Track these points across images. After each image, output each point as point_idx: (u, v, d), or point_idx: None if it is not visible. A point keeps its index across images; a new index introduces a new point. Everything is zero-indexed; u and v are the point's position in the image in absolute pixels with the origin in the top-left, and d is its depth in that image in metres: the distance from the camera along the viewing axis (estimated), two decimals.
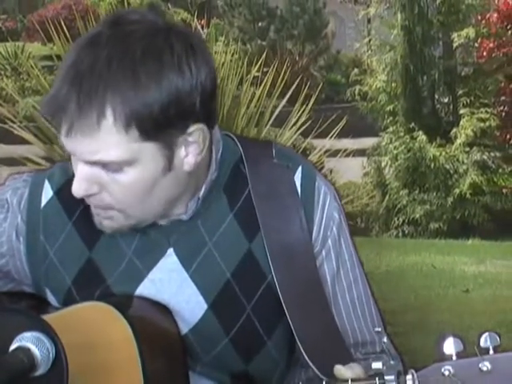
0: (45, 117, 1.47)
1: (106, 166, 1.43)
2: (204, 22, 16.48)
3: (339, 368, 1.39)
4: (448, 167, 11.81)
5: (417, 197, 11.88)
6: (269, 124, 5.99)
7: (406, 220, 11.83)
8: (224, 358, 1.55)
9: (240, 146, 1.60)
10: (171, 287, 1.55)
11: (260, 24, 20.21)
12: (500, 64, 12.71)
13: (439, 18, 12.41)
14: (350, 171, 11.21)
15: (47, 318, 1.42)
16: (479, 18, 12.69)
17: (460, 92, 12.48)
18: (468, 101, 12.24)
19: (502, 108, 12.70)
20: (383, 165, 12.35)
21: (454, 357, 1.30)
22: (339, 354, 1.48)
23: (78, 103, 1.38)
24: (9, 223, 1.61)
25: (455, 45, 12.40)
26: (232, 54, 6.03)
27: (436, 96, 12.86)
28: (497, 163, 12.04)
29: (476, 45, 12.98)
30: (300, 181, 1.58)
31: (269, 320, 1.56)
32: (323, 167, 6.89)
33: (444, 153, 11.81)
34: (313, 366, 1.47)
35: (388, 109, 12.40)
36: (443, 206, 11.73)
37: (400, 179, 12.04)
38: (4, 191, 1.63)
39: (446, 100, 12.94)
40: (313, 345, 1.49)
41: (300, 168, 1.59)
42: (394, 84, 12.36)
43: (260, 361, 1.57)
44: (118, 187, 1.45)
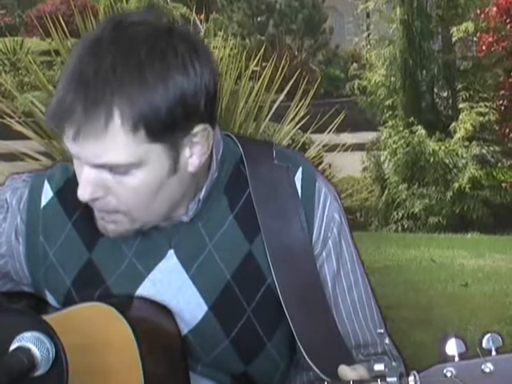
0: (50, 125, 1.45)
1: (113, 169, 1.43)
2: (203, 17, 16.46)
3: (344, 368, 1.39)
4: (447, 161, 11.79)
5: (416, 191, 11.87)
6: (267, 119, 5.99)
7: (406, 214, 11.82)
8: (224, 359, 1.55)
9: (240, 147, 1.60)
10: (171, 288, 1.55)
11: (259, 19, 20.18)
12: (499, 58, 12.68)
13: (438, 12, 12.39)
14: (349, 166, 11.20)
15: (47, 319, 1.42)
16: (478, 12, 12.66)
17: (459, 86, 12.45)
18: (467, 95, 12.22)
19: (501, 102, 12.68)
20: (382, 159, 12.34)
21: (457, 358, 1.29)
22: (340, 356, 1.48)
23: (85, 108, 1.37)
24: (8, 224, 1.60)
25: (454, 39, 12.36)
26: (231, 49, 6.02)
27: (435, 90, 12.83)
28: (496, 157, 12.02)
29: (475, 39, 12.96)
30: (300, 182, 1.58)
31: (269, 321, 1.55)
32: (322, 162, 6.87)
33: (443, 147, 11.79)
34: (314, 367, 1.47)
35: (387, 103, 12.38)
36: (442, 201, 11.72)
37: (399, 173, 12.02)
38: (3, 191, 1.62)
39: (445, 94, 12.92)
40: (314, 346, 1.49)
41: (300, 169, 1.59)
42: (393, 78, 12.33)
43: (260, 362, 1.57)
44: (124, 190, 1.44)
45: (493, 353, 1.29)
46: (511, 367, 1.28)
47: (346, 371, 1.39)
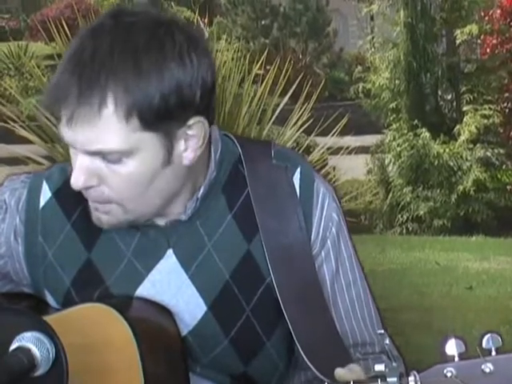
0: (46, 107, 1.47)
1: (106, 157, 1.43)
2: (207, 20, 16.44)
3: (339, 371, 1.38)
4: (452, 164, 11.78)
5: (420, 194, 11.86)
6: (271, 122, 5.98)
7: (410, 217, 11.80)
8: (223, 360, 1.55)
9: (239, 146, 1.60)
10: (171, 289, 1.55)
11: (263, 22, 20.20)
12: (503, 60, 12.66)
13: (442, 15, 12.38)
14: (354, 169, 11.19)
15: (47, 319, 1.42)
16: (482, 15, 12.65)
17: (463, 89, 12.44)
18: (471, 97, 12.20)
19: (506, 104, 12.66)
20: (387, 162, 12.32)
21: (457, 358, 1.29)
22: (338, 355, 1.48)
23: (80, 91, 1.38)
24: (7, 224, 1.60)
25: (458, 42, 12.35)
26: (234, 52, 6.02)
27: (439, 93, 12.82)
28: (500, 160, 12.00)
29: (479, 41, 12.95)
30: (299, 182, 1.58)
31: (268, 321, 1.55)
32: (326, 165, 6.86)
33: (448, 150, 11.78)
34: (312, 367, 1.46)
35: (391, 106, 12.37)
36: (447, 203, 11.71)
37: (403, 176, 12.01)
38: (2, 192, 1.62)
39: (450, 97, 12.90)
40: (312, 346, 1.49)
41: (299, 169, 1.59)
42: (398, 81, 12.31)
43: (259, 362, 1.56)
44: (118, 179, 1.44)
45: (493, 353, 1.29)
46: (511, 367, 1.28)
47: (342, 373, 1.38)
